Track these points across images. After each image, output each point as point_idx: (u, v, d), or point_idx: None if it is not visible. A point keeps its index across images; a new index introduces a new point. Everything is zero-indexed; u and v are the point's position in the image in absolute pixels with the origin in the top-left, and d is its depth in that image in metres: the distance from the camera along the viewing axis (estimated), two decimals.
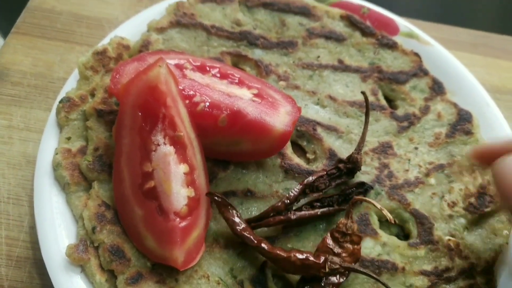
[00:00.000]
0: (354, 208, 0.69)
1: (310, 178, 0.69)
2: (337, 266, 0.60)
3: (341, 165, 0.71)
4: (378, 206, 0.63)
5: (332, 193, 0.71)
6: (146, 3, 1.00)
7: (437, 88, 0.85)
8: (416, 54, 0.89)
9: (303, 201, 0.69)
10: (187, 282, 0.62)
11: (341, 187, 0.72)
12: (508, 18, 1.41)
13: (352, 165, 0.71)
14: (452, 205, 0.72)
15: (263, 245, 0.62)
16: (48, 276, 0.60)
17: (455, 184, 0.74)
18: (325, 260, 0.60)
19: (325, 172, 0.70)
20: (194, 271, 0.63)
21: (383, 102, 0.84)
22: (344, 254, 0.63)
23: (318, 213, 0.67)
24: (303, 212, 0.67)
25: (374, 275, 0.60)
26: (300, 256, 0.60)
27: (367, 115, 0.72)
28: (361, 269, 0.61)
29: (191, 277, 0.63)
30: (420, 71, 0.87)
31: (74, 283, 0.60)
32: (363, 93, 0.71)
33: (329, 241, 0.64)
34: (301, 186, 0.68)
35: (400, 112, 0.83)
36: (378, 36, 0.91)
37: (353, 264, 0.63)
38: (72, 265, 0.61)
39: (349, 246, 0.64)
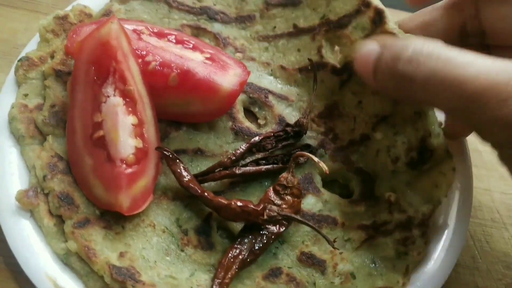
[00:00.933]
0: (295, 163, 0.73)
1: (257, 138, 0.73)
2: (275, 214, 0.64)
3: (288, 129, 0.75)
4: (316, 159, 0.67)
5: (278, 153, 0.75)
6: None
7: (378, 20, 0.76)
8: None
9: (249, 160, 0.73)
10: (133, 229, 0.66)
11: (287, 148, 0.76)
12: None
13: (298, 128, 0.75)
14: (396, 160, 0.72)
15: (206, 194, 0.65)
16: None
17: (398, 137, 0.73)
18: (264, 208, 0.64)
19: (272, 134, 0.74)
20: (141, 220, 0.67)
21: (326, 59, 0.81)
22: (284, 206, 0.67)
23: (263, 169, 0.71)
24: (248, 168, 0.71)
25: (310, 223, 0.64)
26: (240, 203, 0.64)
27: (315, 80, 0.76)
28: (298, 217, 0.65)
29: (138, 225, 0.66)
30: (362, 6, 0.79)
31: (22, 226, 0.63)
32: (309, 59, 0.75)
33: (271, 193, 0.68)
34: (247, 145, 0.72)
35: (340, 63, 0.81)
36: None
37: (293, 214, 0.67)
38: (22, 210, 0.64)
39: (289, 198, 0.67)
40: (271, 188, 0.68)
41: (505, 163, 0.58)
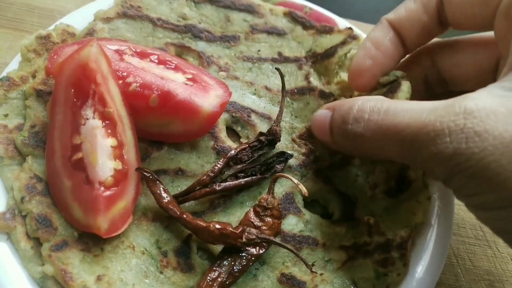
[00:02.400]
0: (276, 185, 0.73)
1: (233, 151, 0.73)
2: (254, 237, 0.64)
3: (262, 138, 0.76)
4: (295, 181, 0.67)
5: (255, 163, 0.75)
6: None
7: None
8: (350, 28, 0.90)
9: (228, 174, 0.73)
10: (112, 251, 0.65)
11: (263, 158, 0.77)
12: None
13: (272, 136, 0.76)
14: (374, 187, 0.75)
15: (184, 216, 0.65)
16: None
17: (377, 166, 0.76)
18: (242, 231, 0.64)
19: (247, 145, 0.75)
20: (120, 241, 0.66)
21: (314, 83, 0.85)
22: (264, 227, 0.66)
23: (242, 182, 0.72)
24: (227, 183, 0.71)
25: (288, 247, 0.64)
26: (218, 226, 0.64)
27: (283, 89, 0.78)
28: (276, 241, 0.65)
29: (117, 247, 0.66)
30: (350, 39, 0.87)
31: None
32: (277, 69, 0.78)
33: (251, 215, 0.68)
34: (224, 160, 0.72)
35: (328, 88, 0.85)
36: (318, 27, 0.94)
37: (271, 237, 0.66)
38: None
39: (269, 220, 0.67)
40: (251, 209, 0.68)
41: (456, 195, 0.59)
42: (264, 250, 0.66)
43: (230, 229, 0.64)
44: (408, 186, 0.74)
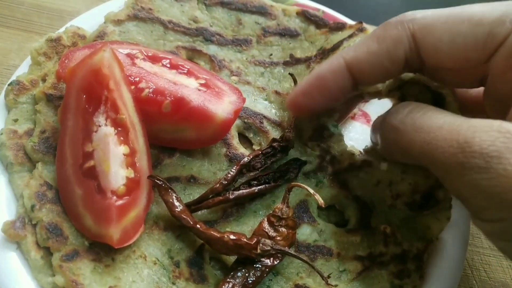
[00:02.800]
0: (290, 193, 0.72)
1: (246, 159, 0.72)
2: (269, 248, 0.62)
3: (275, 144, 0.74)
4: (311, 191, 0.65)
5: (267, 170, 0.73)
6: None
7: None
8: (360, 22, 0.86)
9: (241, 182, 0.72)
10: (124, 261, 0.64)
11: (276, 165, 0.75)
12: None
13: (285, 143, 0.74)
14: (396, 197, 0.71)
15: (198, 226, 0.64)
16: None
17: (406, 176, 0.71)
18: (257, 242, 0.62)
19: (260, 152, 0.73)
20: (132, 251, 0.65)
21: None
22: (278, 238, 0.65)
23: (256, 190, 0.70)
24: (240, 191, 0.70)
25: (304, 259, 0.63)
26: (232, 236, 0.62)
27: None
28: (291, 252, 0.63)
29: (129, 257, 0.64)
30: (358, 31, 0.84)
31: (8, 259, 0.61)
32: (290, 74, 0.75)
33: (265, 225, 0.66)
34: (237, 167, 0.70)
35: None
36: (331, 25, 0.90)
37: (286, 248, 0.65)
38: (8, 242, 0.62)
39: (284, 230, 0.66)
40: (265, 219, 0.67)
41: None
42: (278, 261, 0.65)
43: (245, 240, 0.62)
44: (434, 204, 0.70)
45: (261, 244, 0.62)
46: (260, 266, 0.64)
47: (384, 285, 0.67)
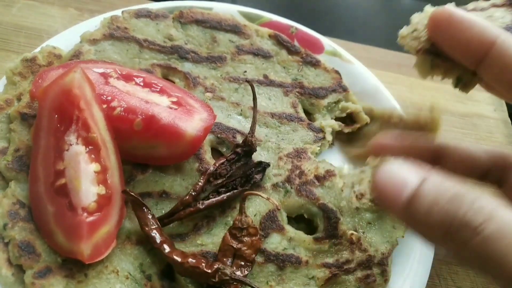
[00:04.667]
0: (259, 202, 0.75)
1: (212, 167, 0.74)
2: (227, 278, 0.64)
3: (238, 149, 0.77)
4: (265, 196, 0.69)
5: (234, 177, 0.76)
6: (87, 17, 1.04)
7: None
8: (337, 72, 0.96)
9: (210, 190, 0.74)
10: (96, 277, 0.65)
11: (241, 170, 0.78)
12: None
13: (247, 147, 0.77)
14: (360, 196, 0.74)
15: (164, 246, 0.65)
16: None
17: (365, 175, 0.73)
18: (216, 270, 0.64)
19: (225, 159, 0.76)
20: (104, 266, 0.66)
21: (302, 114, 0.90)
22: (244, 248, 0.67)
23: (225, 197, 0.73)
24: (210, 200, 0.72)
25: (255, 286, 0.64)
26: (193, 263, 0.64)
27: (254, 99, 0.80)
28: (249, 282, 0.65)
29: (101, 272, 0.66)
30: (339, 87, 0.94)
31: None
32: (248, 81, 0.81)
33: (229, 238, 0.68)
34: (205, 176, 0.73)
35: (317, 124, 0.89)
36: (303, 54, 0.97)
37: (254, 255, 0.68)
38: None
39: (248, 239, 0.68)
40: (227, 233, 0.69)
41: None
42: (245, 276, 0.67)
43: (203, 267, 0.64)
44: None
45: (219, 273, 0.64)
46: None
47: None
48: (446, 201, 0.47)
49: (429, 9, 0.62)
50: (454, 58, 0.61)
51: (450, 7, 0.61)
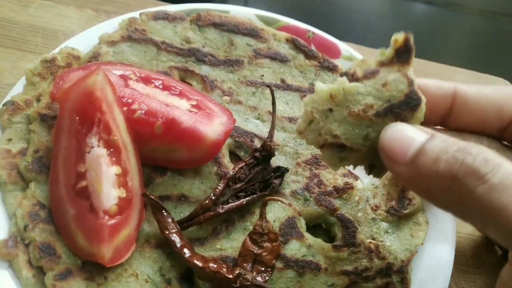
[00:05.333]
0: (278, 208, 0.75)
1: (231, 172, 0.74)
2: (248, 283, 0.63)
3: (256, 154, 0.77)
4: (286, 202, 0.69)
5: (253, 181, 0.76)
6: (104, 18, 1.04)
7: None
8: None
9: (229, 195, 0.74)
10: (116, 280, 0.65)
11: (260, 175, 0.78)
12: (437, 41, 1.54)
13: (266, 152, 0.77)
14: (375, 208, 0.78)
15: (185, 250, 0.65)
16: None
17: (378, 190, 0.80)
18: (237, 276, 0.63)
19: (244, 163, 0.76)
20: (123, 269, 0.66)
21: None
22: (264, 253, 0.67)
23: (244, 202, 0.73)
24: (230, 205, 0.72)
25: None
26: (214, 268, 0.64)
27: (273, 104, 0.80)
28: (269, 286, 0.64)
29: (121, 275, 0.65)
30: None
31: None
32: (268, 86, 0.80)
33: (249, 243, 0.68)
34: (224, 181, 0.73)
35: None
36: (320, 59, 0.97)
37: (274, 261, 0.67)
38: (0, 261, 0.63)
39: (268, 245, 0.67)
40: (248, 238, 0.68)
41: None
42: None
43: (224, 272, 0.63)
44: (409, 203, 0.78)
45: (241, 278, 0.63)
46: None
47: None
48: (455, 150, 0.49)
49: (321, 87, 0.57)
50: None
51: None
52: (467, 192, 0.47)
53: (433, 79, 0.63)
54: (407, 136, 0.53)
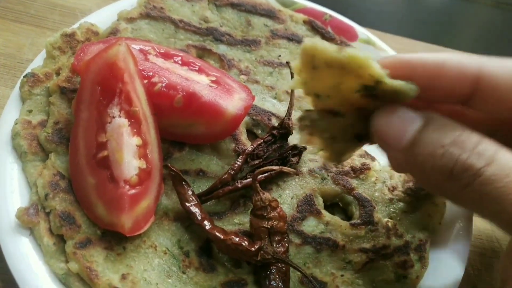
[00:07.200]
0: (295, 186, 0.76)
1: (250, 148, 0.75)
2: (269, 257, 0.63)
3: (274, 131, 0.77)
4: (276, 168, 0.69)
5: (270, 158, 0.76)
6: None
7: None
8: None
9: (247, 171, 0.74)
10: (134, 250, 0.65)
11: (277, 152, 0.78)
12: (451, 31, 1.53)
13: (284, 130, 0.77)
14: (392, 189, 0.78)
15: (205, 222, 0.65)
16: None
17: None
18: (258, 249, 0.63)
19: (262, 140, 0.76)
20: (142, 241, 0.66)
21: None
22: (275, 223, 0.66)
23: (262, 178, 0.72)
24: (247, 180, 0.72)
25: (300, 269, 0.63)
26: (235, 240, 0.63)
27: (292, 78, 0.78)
28: (289, 261, 0.64)
29: (139, 246, 0.66)
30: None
31: (21, 244, 0.62)
32: (287, 62, 0.79)
33: (257, 221, 0.67)
34: (243, 156, 0.73)
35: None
36: (337, 41, 0.97)
37: (285, 225, 0.68)
38: (21, 228, 0.63)
39: (274, 213, 0.67)
40: (252, 218, 0.67)
41: None
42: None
43: (246, 245, 0.63)
44: None
45: (262, 252, 0.63)
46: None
47: (389, 276, 0.70)
48: (449, 143, 0.49)
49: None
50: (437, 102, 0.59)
51: (398, 56, 0.56)
52: (463, 186, 0.48)
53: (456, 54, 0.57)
54: (402, 121, 0.52)
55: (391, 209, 0.76)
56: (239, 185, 0.71)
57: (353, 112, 0.57)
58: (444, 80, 0.55)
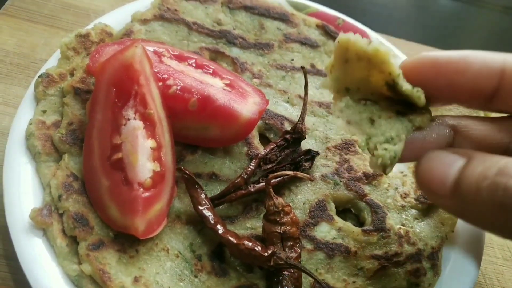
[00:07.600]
0: (308, 191, 0.76)
1: (263, 152, 0.74)
2: (282, 262, 0.63)
3: (287, 136, 0.77)
4: (291, 173, 0.69)
5: (283, 163, 0.76)
6: None
7: None
8: None
9: (260, 175, 0.74)
10: (147, 253, 0.65)
11: (290, 157, 0.78)
12: (460, 36, 1.52)
13: (297, 135, 0.77)
14: (405, 196, 0.78)
15: (218, 227, 0.64)
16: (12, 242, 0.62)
17: (407, 178, 0.80)
18: (271, 254, 0.63)
19: (274, 145, 0.76)
20: (154, 244, 0.66)
21: None
22: (288, 228, 0.66)
23: (275, 182, 0.72)
24: (260, 184, 0.72)
25: (313, 275, 0.63)
26: (248, 245, 0.63)
27: (306, 87, 0.79)
28: (302, 267, 0.63)
29: (152, 249, 0.65)
30: None
31: (34, 245, 0.62)
32: (302, 67, 0.78)
33: (269, 226, 0.66)
34: (256, 160, 0.73)
35: None
36: None
37: (298, 230, 0.67)
38: (35, 229, 0.63)
39: (287, 219, 0.66)
40: (265, 222, 0.67)
41: None
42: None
43: (259, 250, 0.63)
44: None
45: (275, 257, 0.63)
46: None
47: (401, 283, 0.69)
48: (494, 173, 0.46)
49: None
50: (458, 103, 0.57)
51: (423, 54, 0.55)
52: None
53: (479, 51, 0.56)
54: (443, 165, 0.50)
55: (403, 216, 0.76)
56: (252, 190, 0.71)
57: (385, 100, 0.57)
58: (468, 75, 0.54)
